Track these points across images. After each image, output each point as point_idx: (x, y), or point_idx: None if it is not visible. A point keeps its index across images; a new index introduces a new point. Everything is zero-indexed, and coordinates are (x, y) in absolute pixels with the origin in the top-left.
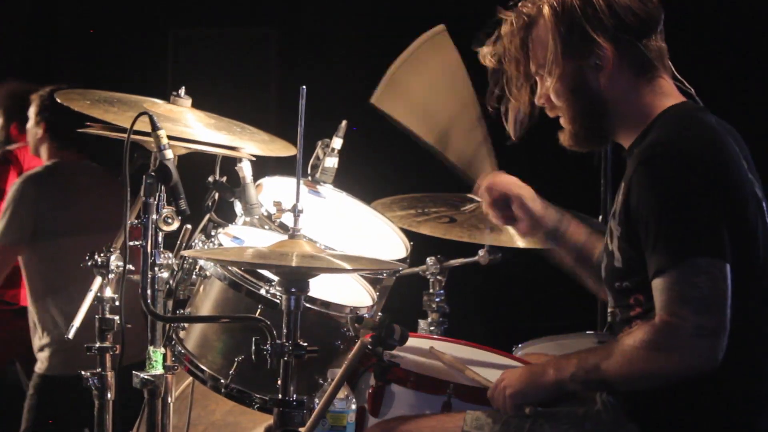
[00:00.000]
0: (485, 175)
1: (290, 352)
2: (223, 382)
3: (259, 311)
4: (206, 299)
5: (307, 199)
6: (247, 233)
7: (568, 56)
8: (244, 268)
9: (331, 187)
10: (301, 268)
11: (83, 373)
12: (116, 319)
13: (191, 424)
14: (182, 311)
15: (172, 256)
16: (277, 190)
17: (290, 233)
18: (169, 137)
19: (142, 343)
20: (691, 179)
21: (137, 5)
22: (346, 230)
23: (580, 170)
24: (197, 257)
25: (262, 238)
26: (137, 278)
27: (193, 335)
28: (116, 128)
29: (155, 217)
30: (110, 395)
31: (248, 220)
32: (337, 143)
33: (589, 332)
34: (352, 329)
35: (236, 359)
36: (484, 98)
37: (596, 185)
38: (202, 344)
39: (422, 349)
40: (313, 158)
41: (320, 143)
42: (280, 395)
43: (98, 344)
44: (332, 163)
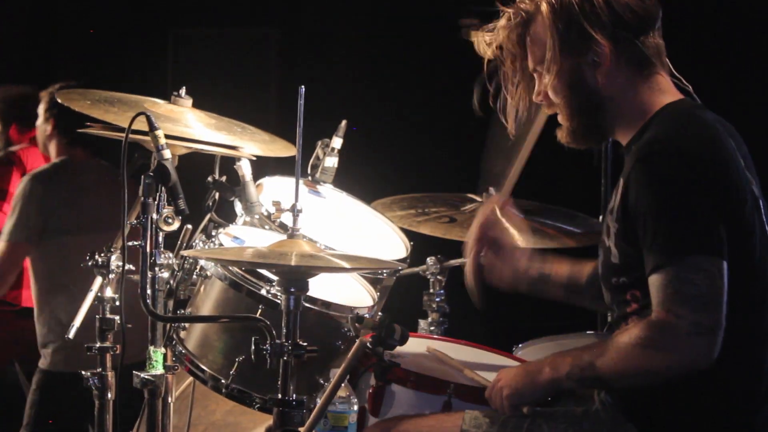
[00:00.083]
0: (495, 198)
1: (290, 352)
2: (223, 382)
3: (259, 311)
4: (207, 299)
5: (307, 199)
6: (247, 233)
7: (566, 53)
8: (244, 268)
9: (331, 186)
10: (300, 267)
11: (84, 373)
12: (116, 319)
13: (191, 424)
14: (182, 311)
15: (172, 256)
16: (277, 190)
17: (290, 233)
18: (169, 137)
19: (142, 343)
20: (688, 177)
21: (137, 5)
22: (346, 230)
23: (580, 169)
24: (197, 257)
25: (262, 238)
26: (138, 278)
27: (193, 335)
28: (116, 128)
29: (155, 217)
30: (110, 395)
31: (248, 219)
32: (337, 143)
33: (589, 332)
34: (352, 329)
35: (237, 359)
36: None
37: (596, 184)
38: (202, 344)
39: (422, 349)
40: (313, 158)
41: (320, 143)
42: (280, 395)
43: (98, 344)
44: (332, 162)
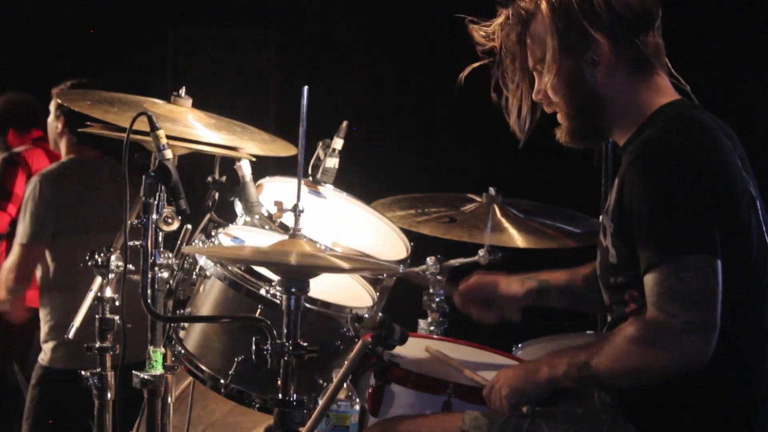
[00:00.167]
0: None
1: (290, 352)
2: (222, 382)
3: (259, 311)
4: (206, 299)
5: (307, 199)
6: (247, 233)
7: (565, 52)
8: (244, 268)
9: (331, 187)
10: (301, 267)
11: (83, 372)
12: (116, 319)
13: (191, 424)
14: (182, 311)
15: (172, 256)
16: (277, 190)
17: (291, 233)
18: (169, 137)
19: (142, 343)
20: (683, 176)
21: (137, 5)
22: (346, 230)
23: (580, 169)
24: (198, 253)
25: (262, 238)
26: (138, 278)
27: (193, 335)
28: (117, 128)
29: (155, 217)
30: (110, 395)
31: (248, 219)
32: (337, 143)
33: (589, 332)
34: (352, 329)
35: (236, 359)
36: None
37: (596, 184)
38: (202, 344)
39: (421, 348)
40: (313, 158)
41: (321, 143)
42: (280, 395)
43: (98, 344)
44: (333, 163)
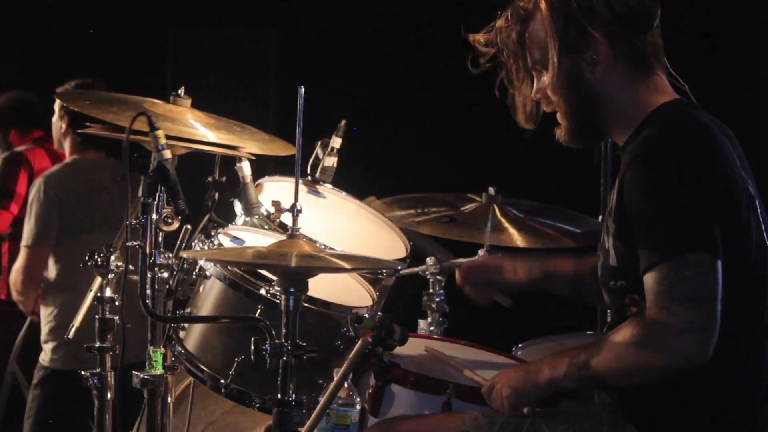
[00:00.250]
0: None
1: (289, 352)
2: (222, 382)
3: (259, 311)
4: (206, 299)
5: (306, 198)
6: (246, 233)
7: (564, 51)
8: (244, 268)
9: (330, 186)
10: (300, 267)
11: (83, 373)
12: (116, 319)
13: (191, 424)
14: (182, 311)
15: (172, 256)
16: (277, 190)
17: (289, 233)
18: (169, 137)
19: (142, 343)
20: (682, 175)
21: (137, 5)
22: (346, 230)
23: (580, 169)
24: (197, 257)
25: (261, 238)
26: (137, 278)
27: (193, 335)
28: (116, 128)
29: (155, 217)
30: (110, 395)
31: (248, 220)
32: (336, 143)
33: (589, 332)
34: (352, 329)
35: (236, 359)
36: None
37: (596, 184)
38: (202, 344)
39: (421, 349)
40: (312, 158)
41: (320, 143)
42: (279, 395)
43: (98, 344)
44: (332, 162)
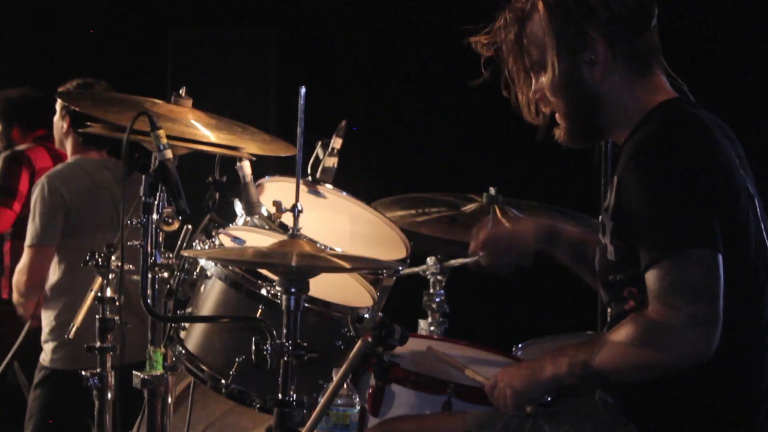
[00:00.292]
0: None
1: (290, 352)
2: (223, 382)
3: (259, 311)
4: (207, 299)
5: (307, 199)
6: (247, 233)
7: (563, 51)
8: (244, 268)
9: (331, 187)
10: (301, 267)
11: (84, 373)
12: (117, 319)
13: (191, 424)
14: (182, 311)
15: (172, 256)
16: (277, 190)
17: (290, 233)
18: (169, 137)
19: (142, 343)
20: (680, 172)
21: (136, 5)
22: (346, 230)
23: (580, 169)
24: (197, 257)
25: (262, 238)
26: (138, 278)
27: (193, 335)
28: (117, 128)
29: (155, 217)
30: (110, 395)
31: (248, 220)
32: (337, 143)
33: (589, 332)
34: (352, 329)
35: (236, 359)
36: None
37: (596, 184)
38: (202, 344)
39: (422, 349)
40: (313, 158)
41: (320, 143)
42: (280, 395)
43: (98, 344)
44: (332, 162)
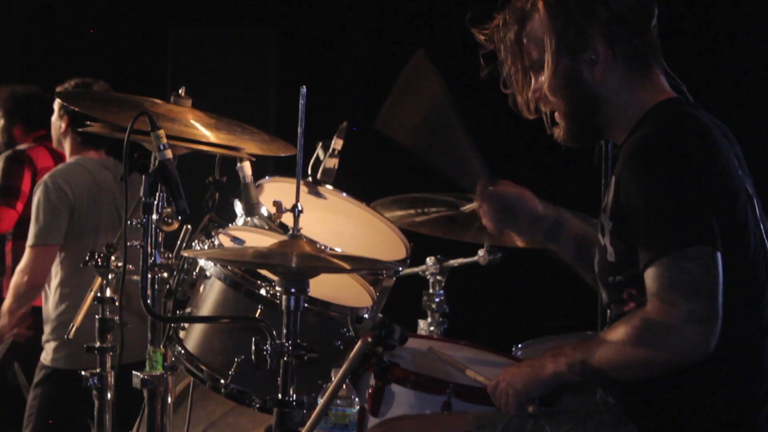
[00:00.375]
0: (480, 183)
1: (290, 352)
2: (222, 382)
3: (259, 311)
4: (206, 299)
5: (307, 199)
6: (246, 233)
7: (563, 51)
8: (244, 268)
9: (331, 187)
10: (301, 268)
11: (83, 373)
12: (116, 319)
13: (191, 424)
14: (182, 311)
15: (172, 256)
16: (277, 190)
17: (290, 233)
18: (169, 137)
19: (142, 343)
20: (678, 170)
21: (136, 5)
22: (346, 231)
23: (580, 169)
24: (197, 257)
25: (262, 238)
26: (138, 278)
27: (193, 335)
28: (117, 128)
29: (155, 217)
30: (110, 395)
31: (248, 220)
32: (337, 144)
33: (589, 332)
34: (352, 329)
35: (236, 359)
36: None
37: (596, 184)
38: (202, 344)
39: (422, 349)
40: (313, 159)
41: (320, 144)
42: (279, 395)
43: (98, 344)
44: (332, 163)
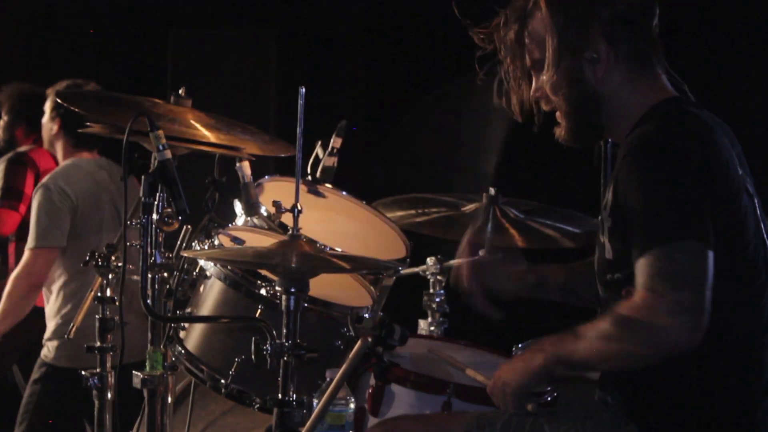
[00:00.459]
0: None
1: (290, 352)
2: (222, 382)
3: (259, 311)
4: (206, 299)
5: (307, 199)
6: (246, 233)
7: (565, 50)
8: (244, 268)
9: (330, 186)
10: (301, 267)
11: (83, 373)
12: (116, 318)
13: (191, 424)
14: (182, 311)
15: (172, 256)
16: (277, 190)
17: (290, 233)
18: (169, 137)
19: (142, 342)
20: (675, 167)
21: (136, 5)
22: (346, 230)
23: (580, 169)
24: (197, 257)
25: (261, 238)
26: (138, 278)
27: (193, 335)
28: (117, 128)
29: (155, 217)
30: (110, 395)
31: (248, 220)
32: (336, 143)
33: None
34: (352, 329)
35: (236, 359)
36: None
37: (596, 184)
38: (202, 344)
39: (422, 349)
40: (312, 157)
41: (320, 143)
42: (280, 395)
43: (98, 344)
44: (331, 162)
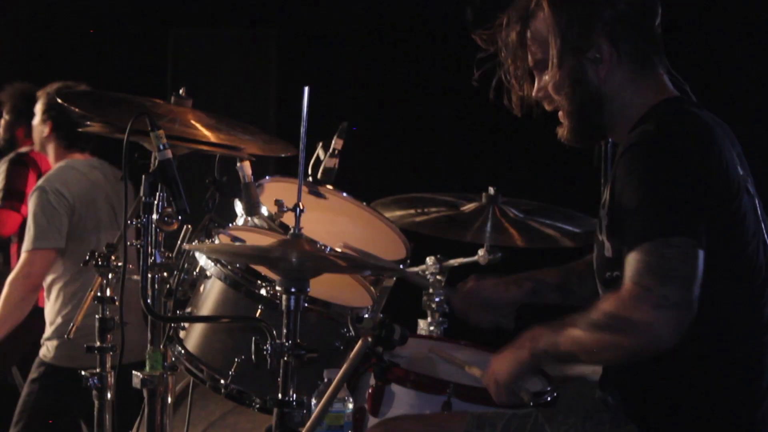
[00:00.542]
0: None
1: (290, 352)
2: (222, 382)
3: (259, 312)
4: (206, 299)
5: (307, 199)
6: (247, 233)
7: (567, 50)
8: (244, 267)
9: (331, 187)
10: (301, 268)
11: (83, 373)
12: (116, 318)
13: (191, 424)
14: (182, 311)
15: (172, 256)
16: (277, 190)
17: (291, 233)
18: (169, 137)
19: (142, 342)
20: (671, 166)
21: (137, 5)
22: (346, 231)
23: (580, 169)
24: (198, 250)
25: (262, 238)
26: (138, 278)
27: (193, 335)
28: (117, 128)
29: (155, 217)
30: (110, 395)
31: (249, 220)
32: (337, 144)
33: None
34: (352, 329)
35: (236, 359)
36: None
37: (596, 184)
38: (202, 344)
39: (422, 349)
40: (313, 159)
41: (321, 144)
42: (279, 395)
43: (98, 344)
44: (332, 163)
